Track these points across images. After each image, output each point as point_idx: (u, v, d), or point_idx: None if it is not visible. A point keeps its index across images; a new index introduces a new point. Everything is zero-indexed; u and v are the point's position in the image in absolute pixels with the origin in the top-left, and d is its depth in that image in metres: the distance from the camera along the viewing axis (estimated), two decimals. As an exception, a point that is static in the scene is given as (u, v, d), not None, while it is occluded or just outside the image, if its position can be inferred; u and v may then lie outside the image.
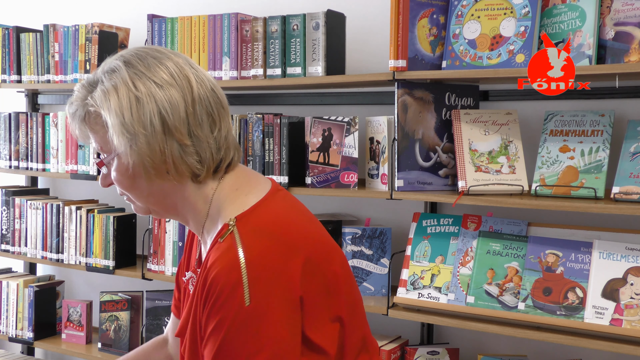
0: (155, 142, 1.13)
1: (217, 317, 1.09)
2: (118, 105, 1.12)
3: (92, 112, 1.16)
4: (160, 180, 1.17)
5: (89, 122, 1.18)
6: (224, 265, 1.09)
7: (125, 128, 1.12)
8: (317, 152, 2.44)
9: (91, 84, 1.17)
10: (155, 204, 1.22)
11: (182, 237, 2.78)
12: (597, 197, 2.02)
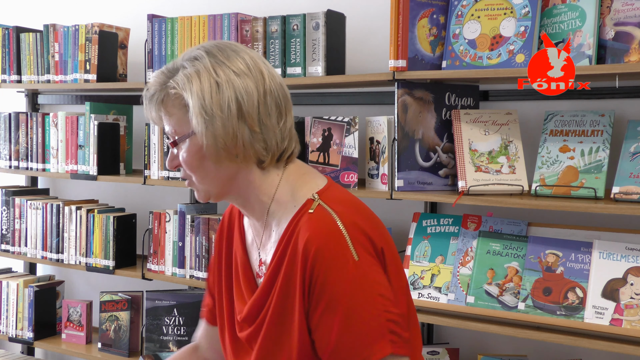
0: (229, 125, 1.21)
1: (337, 278, 1.17)
2: (200, 88, 1.21)
3: (173, 94, 1.24)
4: (228, 162, 1.24)
5: (167, 104, 1.25)
6: (327, 232, 1.19)
7: (205, 110, 1.20)
8: (317, 152, 2.44)
9: (171, 71, 1.26)
10: (219, 187, 1.28)
11: (182, 237, 2.78)
12: (597, 197, 2.02)
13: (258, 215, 1.31)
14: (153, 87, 1.27)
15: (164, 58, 2.76)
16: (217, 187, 1.28)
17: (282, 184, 1.29)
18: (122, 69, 3.10)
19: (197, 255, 2.74)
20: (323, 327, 1.19)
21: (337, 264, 1.17)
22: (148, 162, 2.82)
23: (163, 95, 1.25)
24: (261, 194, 1.29)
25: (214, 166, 1.25)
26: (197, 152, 1.24)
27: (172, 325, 2.80)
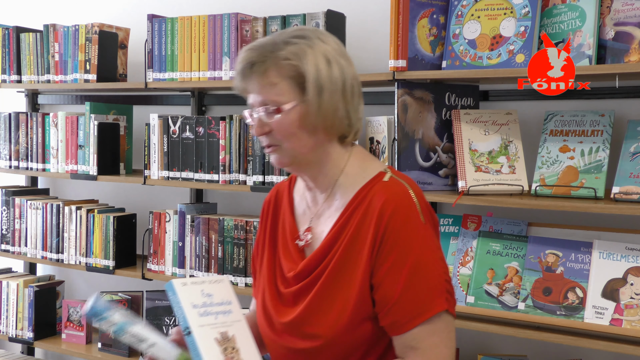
0: (333, 99, 1.36)
1: (408, 237, 1.32)
2: (315, 62, 1.34)
3: (285, 64, 1.34)
4: (320, 133, 1.38)
5: (270, 74, 1.35)
6: (402, 197, 1.36)
7: (318, 82, 1.34)
8: (317, 152, 2.44)
9: (273, 45, 1.36)
10: (305, 155, 1.39)
11: (182, 237, 2.78)
12: (597, 197, 2.02)
13: (324, 187, 1.44)
14: (254, 58, 1.35)
15: (164, 58, 2.76)
16: (303, 155, 1.39)
17: (352, 160, 1.43)
18: (122, 69, 3.10)
19: (197, 255, 2.74)
20: (389, 280, 1.31)
21: (409, 225, 1.33)
22: (148, 162, 2.82)
23: (268, 65, 1.35)
24: (334, 166, 1.42)
25: (307, 135, 1.37)
26: (297, 120, 1.35)
27: (172, 325, 2.80)
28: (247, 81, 1.38)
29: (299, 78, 1.35)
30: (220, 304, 1.37)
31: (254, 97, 1.39)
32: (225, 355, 1.31)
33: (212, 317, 1.34)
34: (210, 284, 1.39)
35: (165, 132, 2.77)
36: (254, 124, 1.39)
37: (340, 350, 1.36)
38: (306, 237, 1.45)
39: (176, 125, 2.75)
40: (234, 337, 1.34)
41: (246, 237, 2.62)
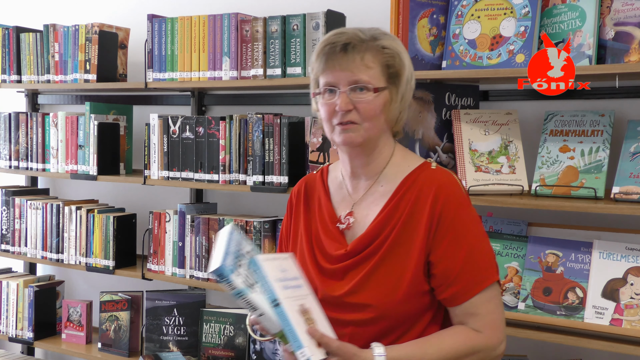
0: (409, 95, 1.55)
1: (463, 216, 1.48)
2: (407, 57, 1.53)
3: (382, 52, 1.48)
4: (389, 124, 1.54)
5: (368, 58, 1.47)
6: (452, 182, 1.52)
7: (408, 76, 1.52)
8: (317, 152, 2.44)
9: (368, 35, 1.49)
10: (376, 137, 1.52)
11: (182, 237, 2.78)
12: (597, 197, 2.02)
13: (370, 174, 1.57)
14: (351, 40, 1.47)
15: (164, 58, 2.76)
16: (374, 137, 1.52)
17: (396, 152, 1.59)
18: (122, 69, 3.10)
19: (197, 255, 2.74)
20: (450, 256, 1.45)
21: (462, 206, 1.49)
22: (148, 162, 2.82)
23: (367, 49, 1.48)
24: (383, 156, 1.56)
25: (383, 120, 1.51)
26: (382, 104, 1.49)
27: (172, 325, 2.80)
28: (338, 60, 1.47)
29: (389, 68, 1.49)
30: (294, 278, 1.43)
31: (342, 75, 1.47)
32: (307, 326, 1.37)
33: (291, 291, 1.40)
34: (282, 260, 1.45)
35: (165, 132, 2.77)
36: (340, 100, 1.47)
37: (389, 322, 1.47)
38: (348, 220, 1.56)
39: (176, 125, 2.75)
40: (309, 309, 1.40)
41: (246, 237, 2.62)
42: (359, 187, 1.59)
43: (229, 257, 1.38)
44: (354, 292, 1.49)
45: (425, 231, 1.47)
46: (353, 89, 1.47)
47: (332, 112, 1.50)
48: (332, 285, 1.52)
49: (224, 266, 1.35)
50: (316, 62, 1.52)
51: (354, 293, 1.49)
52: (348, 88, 1.47)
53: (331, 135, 1.54)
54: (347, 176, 1.61)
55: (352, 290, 1.49)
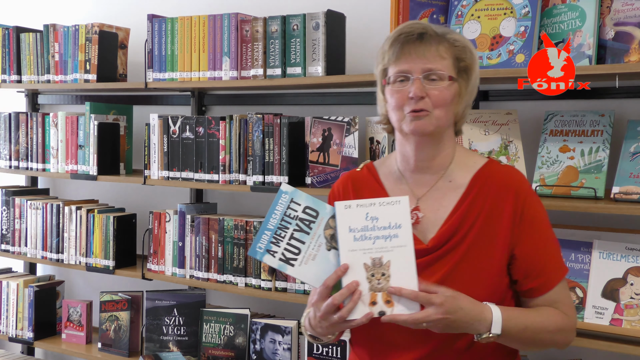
0: (475, 90, 1.59)
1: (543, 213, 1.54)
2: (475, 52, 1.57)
3: (455, 45, 1.52)
4: (456, 115, 1.56)
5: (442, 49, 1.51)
6: (526, 179, 1.58)
7: (477, 71, 1.57)
8: (317, 152, 2.44)
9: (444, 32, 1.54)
10: (443, 127, 1.53)
11: (182, 237, 2.78)
12: (597, 197, 2.02)
13: (436, 169, 1.57)
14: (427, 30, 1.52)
15: (164, 58, 2.76)
16: (443, 126, 1.52)
17: (459, 149, 1.61)
18: (122, 69, 3.10)
19: (197, 255, 2.74)
20: (535, 250, 1.49)
21: (539, 202, 1.55)
22: (148, 162, 2.82)
23: (442, 40, 1.52)
24: (448, 151, 1.58)
25: (452, 110, 1.54)
26: (454, 94, 1.52)
27: (172, 325, 2.80)
28: (414, 48, 1.50)
29: (459, 62, 1.53)
30: (385, 227, 1.39)
31: (417, 62, 1.50)
32: (369, 282, 1.36)
33: (368, 242, 1.38)
34: (380, 206, 1.40)
35: (165, 132, 2.77)
36: (414, 87, 1.49)
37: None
38: (416, 215, 1.55)
39: (176, 125, 2.75)
40: (389, 263, 1.37)
41: (246, 237, 2.62)
42: (423, 182, 1.58)
43: (265, 235, 1.41)
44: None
45: (508, 226, 1.49)
46: (426, 77, 1.49)
47: (403, 99, 1.50)
48: None
49: (255, 250, 1.41)
50: (389, 51, 1.54)
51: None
52: (422, 75, 1.49)
53: (399, 125, 1.53)
54: (407, 171, 1.60)
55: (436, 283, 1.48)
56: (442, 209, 1.54)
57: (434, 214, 1.54)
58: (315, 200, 1.44)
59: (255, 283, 2.60)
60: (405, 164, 1.59)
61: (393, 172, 1.62)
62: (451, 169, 1.57)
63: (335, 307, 1.39)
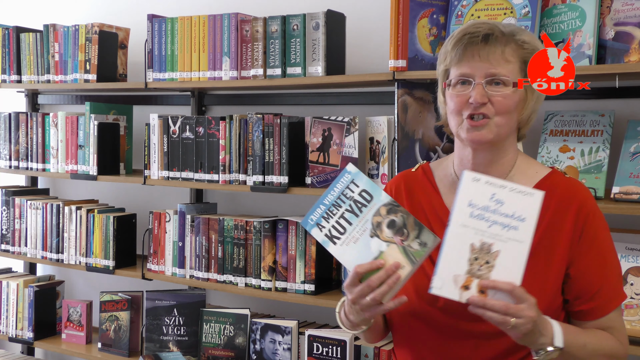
0: (541, 99, 1.52)
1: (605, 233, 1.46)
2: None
3: (523, 47, 1.45)
4: (521, 122, 1.49)
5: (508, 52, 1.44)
6: (590, 194, 1.50)
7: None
8: (317, 152, 2.44)
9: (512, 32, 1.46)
10: (505, 134, 1.46)
11: (182, 237, 2.78)
12: (597, 197, 2.02)
13: (494, 175, 1.45)
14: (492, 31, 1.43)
15: (164, 58, 2.76)
16: (504, 134, 1.45)
17: (520, 156, 1.54)
18: (122, 69, 3.10)
19: (197, 255, 2.74)
20: (592, 271, 1.42)
21: (603, 220, 1.47)
22: (148, 162, 2.82)
23: (508, 43, 1.44)
24: (509, 157, 1.50)
25: (515, 118, 1.46)
26: (517, 101, 1.44)
27: (172, 325, 2.80)
28: (478, 50, 1.43)
29: (527, 65, 1.44)
30: (508, 216, 1.28)
31: (480, 66, 1.42)
32: (470, 264, 1.27)
33: (483, 223, 1.29)
34: (510, 192, 1.30)
35: (165, 132, 2.77)
36: (475, 92, 1.41)
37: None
38: None
39: (176, 125, 2.75)
40: (497, 253, 1.26)
41: (246, 237, 2.62)
42: None
43: (320, 208, 1.41)
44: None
45: (568, 242, 1.42)
46: (489, 82, 1.42)
47: (463, 103, 1.43)
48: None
49: (307, 222, 1.41)
50: (452, 52, 1.46)
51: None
52: (484, 80, 1.42)
53: (457, 130, 1.46)
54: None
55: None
56: None
57: None
58: (374, 186, 1.40)
59: (255, 283, 2.60)
60: (463, 167, 1.50)
61: (449, 175, 1.56)
62: (511, 176, 1.50)
63: (371, 289, 1.32)
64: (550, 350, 1.31)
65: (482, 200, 1.29)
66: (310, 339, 2.43)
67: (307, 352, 2.45)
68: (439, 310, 1.43)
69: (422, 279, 1.43)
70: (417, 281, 1.44)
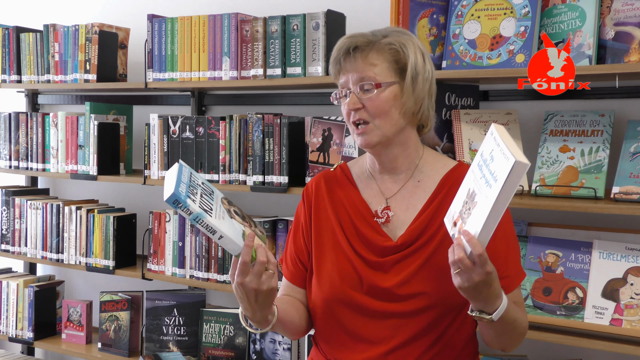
0: (424, 87, 1.54)
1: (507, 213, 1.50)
2: (414, 51, 1.53)
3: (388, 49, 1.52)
4: (406, 117, 1.54)
5: (372, 57, 1.52)
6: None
7: (415, 69, 1.52)
8: (317, 152, 2.44)
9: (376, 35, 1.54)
10: (392, 133, 1.54)
11: (182, 237, 2.78)
12: (597, 197, 2.02)
13: (403, 169, 1.60)
14: (357, 42, 1.53)
15: (164, 58, 2.76)
16: (391, 133, 1.53)
17: (426, 150, 1.63)
18: (122, 69, 3.10)
19: (197, 255, 2.74)
20: (499, 250, 1.47)
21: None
22: (148, 162, 2.82)
23: (371, 48, 1.52)
24: (414, 151, 1.60)
25: (397, 115, 1.53)
26: (391, 99, 1.51)
27: (172, 325, 2.80)
28: (346, 62, 1.54)
29: (398, 63, 1.52)
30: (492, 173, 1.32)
31: (351, 76, 1.53)
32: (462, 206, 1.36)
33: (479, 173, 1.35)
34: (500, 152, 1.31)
35: (165, 132, 2.77)
36: (349, 100, 1.53)
37: (438, 311, 1.50)
38: (387, 214, 1.58)
39: (176, 125, 2.75)
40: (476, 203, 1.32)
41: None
42: (392, 182, 1.62)
43: (182, 185, 1.38)
44: (406, 282, 1.51)
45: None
46: (361, 88, 1.52)
47: (347, 113, 1.55)
48: (379, 277, 1.54)
49: (179, 192, 1.35)
50: (331, 68, 1.59)
51: (406, 283, 1.51)
52: (357, 87, 1.52)
53: (354, 137, 1.57)
54: (375, 172, 1.64)
55: (404, 281, 1.51)
56: (411, 208, 1.57)
57: (403, 213, 1.58)
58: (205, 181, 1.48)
59: (255, 283, 2.59)
60: (373, 165, 1.64)
61: (364, 172, 1.66)
62: (419, 169, 1.61)
63: (263, 264, 1.40)
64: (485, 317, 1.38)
65: (486, 153, 1.35)
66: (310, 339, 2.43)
67: (307, 352, 2.45)
68: (363, 294, 1.53)
69: (346, 265, 1.56)
70: (341, 267, 1.56)
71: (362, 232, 1.59)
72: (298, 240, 1.70)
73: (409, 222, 1.56)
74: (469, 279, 1.32)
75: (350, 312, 1.55)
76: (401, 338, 1.51)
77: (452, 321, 1.52)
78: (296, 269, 1.69)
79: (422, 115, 1.57)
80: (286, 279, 1.71)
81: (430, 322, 1.50)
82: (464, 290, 1.34)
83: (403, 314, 1.51)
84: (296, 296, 1.68)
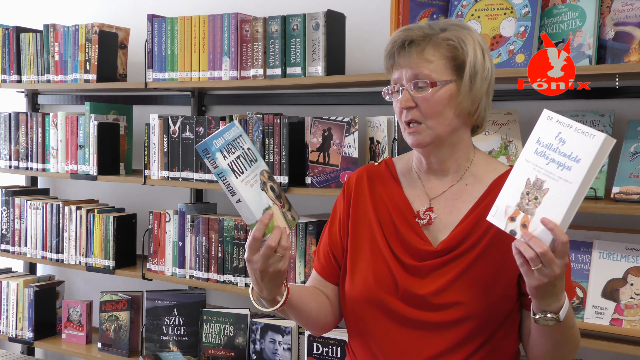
0: (482, 86, 1.45)
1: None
2: (473, 46, 1.44)
3: (445, 44, 1.43)
4: (461, 117, 1.46)
5: (428, 52, 1.43)
6: None
7: (475, 66, 1.43)
8: (317, 152, 2.44)
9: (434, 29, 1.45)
10: (445, 134, 1.45)
11: (182, 237, 2.78)
12: (597, 197, 2.02)
13: (452, 171, 1.51)
14: (413, 36, 1.44)
15: (164, 58, 2.76)
16: (444, 134, 1.45)
17: (478, 152, 1.55)
18: (122, 69, 3.10)
19: (197, 255, 2.74)
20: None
21: None
22: (148, 162, 2.82)
23: (427, 43, 1.44)
24: (464, 153, 1.51)
25: (452, 116, 1.44)
26: (446, 99, 1.43)
27: (172, 325, 2.80)
28: (400, 57, 1.46)
29: (455, 60, 1.43)
30: (566, 155, 1.26)
31: (405, 72, 1.45)
32: (521, 198, 1.28)
33: (543, 160, 1.28)
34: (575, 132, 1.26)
35: (165, 132, 2.77)
36: (401, 97, 1.45)
37: (476, 324, 1.41)
38: (429, 215, 1.50)
39: (176, 125, 2.75)
40: (546, 190, 1.26)
41: (246, 237, 2.62)
42: (438, 184, 1.53)
43: (220, 139, 1.35)
44: (443, 291, 1.42)
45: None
46: (415, 86, 1.43)
47: (399, 110, 1.47)
48: (415, 283, 1.45)
49: (212, 143, 1.32)
50: (384, 61, 1.52)
51: (443, 292, 1.42)
52: (411, 84, 1.44)
53: (404, 135, 1.49)
54: (422, 171, 1.55)
55: (440, 289, 1.43)
56: (455, 211, 1.49)
57: (447, 216, 1.49)
58: (255, 149, 1.43)
59: (255, 283, 2.59)
60: (419, 163, 1.55)
61: (409, 171, 1.58)
62: (470, 172, 1.52)
63: (272, 249, 1.34)
64: (550, 317, 1.29)
65: (548, 138, 1.29)
66: (310, 339, 2.43)
67: (307, 352, 2.45)
68: (398, 300, 1.45)
69: (382, 266, 1.48)
70: (377, 268, 1.48)
71: (402, 233, 1.50)
72: (334, 234, 1.61)
73: (452, 227, 1.47)
74: (551, 273, 1.21)
75: (382, 317, 1.47)
76: (433, 350, 1.42)
77: (490, 337, 1.43)
78: (327, 263, 1.61)
79: (479, 116, 1.49)
80: (315, 271, 1.64)
81: (465, 335, 1.41)
82: (542, 287, 1.24)
83: (437, 324, 1.42)
84: (322, 289, 1.60)
